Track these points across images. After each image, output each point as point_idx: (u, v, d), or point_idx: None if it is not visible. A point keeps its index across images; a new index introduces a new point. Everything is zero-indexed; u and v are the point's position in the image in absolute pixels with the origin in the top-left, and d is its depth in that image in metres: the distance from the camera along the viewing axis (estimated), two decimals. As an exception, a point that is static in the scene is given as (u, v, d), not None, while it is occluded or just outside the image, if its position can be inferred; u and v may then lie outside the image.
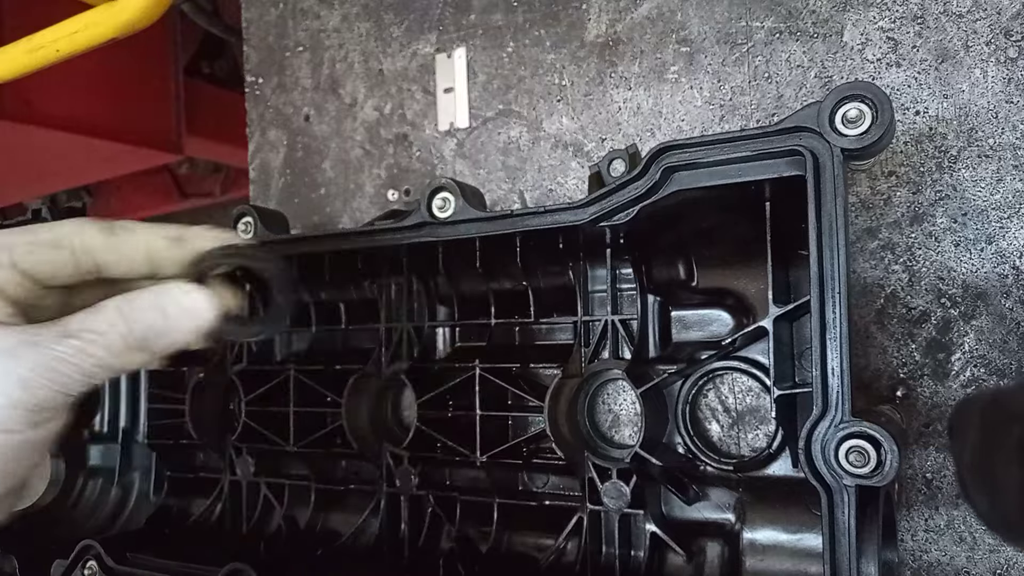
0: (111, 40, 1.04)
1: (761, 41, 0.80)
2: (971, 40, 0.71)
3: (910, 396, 0.72)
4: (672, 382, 0.75)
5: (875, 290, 0.73)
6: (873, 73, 0.75)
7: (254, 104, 1.17)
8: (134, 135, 1.94)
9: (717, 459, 0.73)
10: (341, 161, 1.08)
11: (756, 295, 0.70)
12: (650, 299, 0.74)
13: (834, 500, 0.51)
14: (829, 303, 0.53)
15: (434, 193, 0.71)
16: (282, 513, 0.92)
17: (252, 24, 1.18)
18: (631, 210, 0.62)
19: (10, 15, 1.56)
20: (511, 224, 0.68)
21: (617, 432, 0.82)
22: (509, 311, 0.81)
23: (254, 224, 0.82)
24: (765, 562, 0.63)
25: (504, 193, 0.95)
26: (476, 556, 0.80)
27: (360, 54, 1.07)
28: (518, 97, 0.95)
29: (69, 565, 0.85)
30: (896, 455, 0.50)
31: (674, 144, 0.59)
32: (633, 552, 0.73)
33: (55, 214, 0.93)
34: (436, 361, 0.85)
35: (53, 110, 1.73)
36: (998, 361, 0.69)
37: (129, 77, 1.92)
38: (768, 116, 0.80)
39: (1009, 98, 0.69)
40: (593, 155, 0.89)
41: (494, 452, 0.76)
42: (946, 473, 0.70)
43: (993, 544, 0.69)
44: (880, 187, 0.74)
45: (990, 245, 0.69)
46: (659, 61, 0.86)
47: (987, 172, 0.70)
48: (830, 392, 0.53)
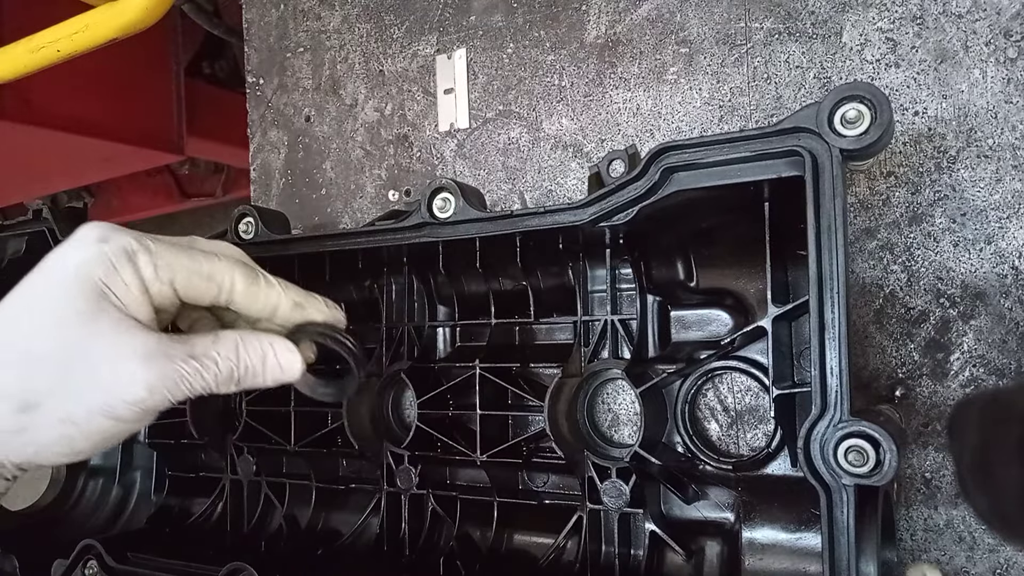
0: (112, 41, 1.04)
1: (760, 42, 0.80)
2: (970, 40, 0.71)
3: (909, 396, 0.72)
4: (671, 382, 0.75)
5: (874, 290, 0.73)
6: (872, 74, 0.75)
7: (255, 105, 1.17)
8: (135, 135, 1.94)
9: (716, 458, 0.73)
10: (342, 162, 1.08)
11: (755, 295, 0.70)
12: (649, 299, 0.74)
13: (833, 499, 0.52)
14: (828, 303, 0.53)
15: (434, 193, 0.71)
16: (283, 512, 0.92)
17: (253, 25, 1.18)
18: (631, 210, 0.62)
19: (10, 15, 1.56)
20: (511, 224, 0.68)
21: (616, 431, 0.82)
22: (509, 311, 0.81)
23: (255, 224, 0.82)
24: (764, 561, 0.63)
25: (504, 193, 0.95)
26: (476, 555, 0.80)
27: (361, 55, 1.07)
28: (518, 98, 0.95)
29: (70, 565, 0.85)
30: (895, 455, 0.50)
31: (673, 145, 0.59)
32: (632, 551, 0.74)
33: (55, 214, 0.93)
34: (436, 361, 0.85)
35: (54, 110, 1.73)
36: (997, 361, 0.69)
37: (130, 78, 1.92)
38: (767, 117, 0.80)
39: (1008, 98, 0.70)
40: (592, 156, 0.89)
41: (494, 451, 0.76)
42: (945, 473, 0.70)
43: (993, 544, 0.69)
44: (879, 187, 0.74)
45: (989, 245, 0.69)
46: (658, 62, 0.86)
47: (986, 172, 0.70)
48: (829, 392, 0.53)
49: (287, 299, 0.63)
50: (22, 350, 0.55)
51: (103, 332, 0.55)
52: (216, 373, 0.58)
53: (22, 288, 0.58)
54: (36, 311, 0.56)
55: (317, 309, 0.65)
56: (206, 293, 0.60)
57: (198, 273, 0.59)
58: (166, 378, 0.56)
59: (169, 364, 0.56)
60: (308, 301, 0.64)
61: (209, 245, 0.64)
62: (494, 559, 0.80)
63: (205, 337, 0.59)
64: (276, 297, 0.62)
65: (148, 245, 0.57)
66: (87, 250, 0.56)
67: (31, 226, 0.95)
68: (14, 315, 0.57)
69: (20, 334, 0.56)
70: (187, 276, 0.58)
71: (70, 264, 0.56)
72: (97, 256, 0.56)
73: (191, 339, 0.58)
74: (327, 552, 0.87)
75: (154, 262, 0.57)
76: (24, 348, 0.55)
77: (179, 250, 0.59)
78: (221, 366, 0.59)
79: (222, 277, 0.60)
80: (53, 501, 1.04)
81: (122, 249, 0.56)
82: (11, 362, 0.55)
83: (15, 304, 0.57)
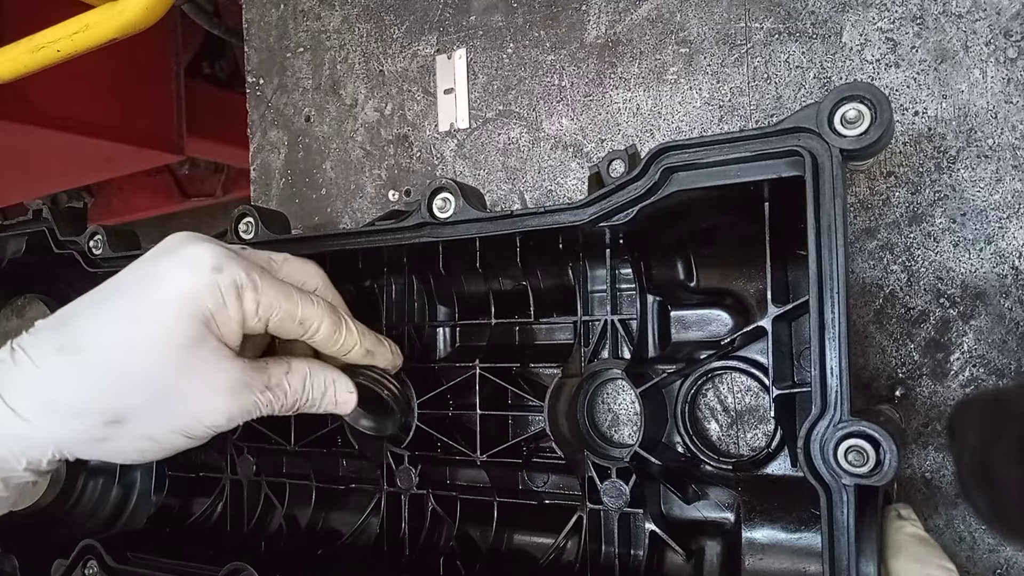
0: (112, 41, 1.05)
1: (760, 42, 0.80)
2: (970, 40, 0.71)
3: (909, 396, 0.72)
4: (671, 382, 0.75)
5: (874, 290, 0.73)
6: (872, 74, 0.75)
7: (255, 105, 1.17)
8: (135, 136, 1.94)
9: (716, 458, 0.73)
10: (342, 162, 1.08)
11: (755, 295, 0.70)
12: (649, 299, 0.74)
13: (833, 499, 0.52)
14: (828, 303, 0.53)
15: (434, 193, 0.71)
16: (283, 512, 0.92)
17: (253, 25, 1.18)
18: (631, 210, 0.62)
19: (10, 15, 1.56)
20: (511, 224, 0.68)
21: (616, 431, 0.82)
22: (509, 311, 0.81)
23: (255, 224, 0.82)
24: (764, 561, 0.63)
25: (504, 193, 0.95)
26: (476, 555, 0.80)
27: (361, 55, 1.07)
28: (518, 98, 0.95)
29: (70, 565, 0.85)
30: (895, 454, 0.50)
31: (673, 145, 0.59)
32: (632, 551, 0.74)
33: (55, 214, 0.93)
34: (436, 361, 0.85)
35: (54, 110, 1.73)
36: (997, 361, 0.69)
37: (130, 78, 1.92)
38: (767, 117, 0.80)
39: (1008, 98, 0.70)
40: (592, 156, 0.89)
41: (494, 451, 0.76)
42: (945, 473, 0.70)
43: (993, 544, 0.69)
44: (879, 187, 0.74)
45: (989, 245, 0.69)
46: (658, 62, 0.86)
47: (986, 172, 0.70)
48: (829, 391, 0.53)
49: (360, 348, 0.67)
50: (122, 368, 0.56)
51: (200, 363, 0.57)
52: (283, 403, 0.62)
53: (125, 296, 0.58)
54: (142, 331, 0.56)
55: (383, 357, 0.70)
56: (292, 333, 0.63)
57: (292, 316, 0.61)
58: (244, 408, 0.60)
59: (249, 396, 0.59)
60: (378, 350, 0.69)
61: (301, 271, 0.67)
62: (494, 559, 0.80)
63: (279, 367, 0.63)
64: (352, 344, 0.66)
65: (255, 281, 0.59)
66: (201, 277, 0.57)
67: (31, 226, 0.95)
68: (116, 327, 0.57)
69: (122, 350, 0.57)
70: (282, 317, 0.61)
71: (183, 289, 0.57)
72: (210, 286, 0.57)
73: (268, 368, 0.61)
74: (327, 552, 0.87)
75: (258, 299, 0.59)
76: (124, 366, 0.56)
77: (280, 291, 0.61)
78: (289, 396, 0.62)
79: (311, 323, 0.63)
80: (53, 501, 1.04)
81: (233, 283, 0.58)
82: (110, 378, 0.56)
83: (119, 314, 0.58)
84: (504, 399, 0.80)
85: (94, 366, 0.56)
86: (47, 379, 0.56)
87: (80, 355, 0.56)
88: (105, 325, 0.57)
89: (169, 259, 0.58)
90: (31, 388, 0.56)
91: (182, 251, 0.58)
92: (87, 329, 0.57)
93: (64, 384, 0.56)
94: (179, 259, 0.58)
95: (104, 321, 0.57)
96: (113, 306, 0.58)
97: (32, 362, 0.56)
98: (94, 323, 0.57)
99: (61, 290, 1.07)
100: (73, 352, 0.56)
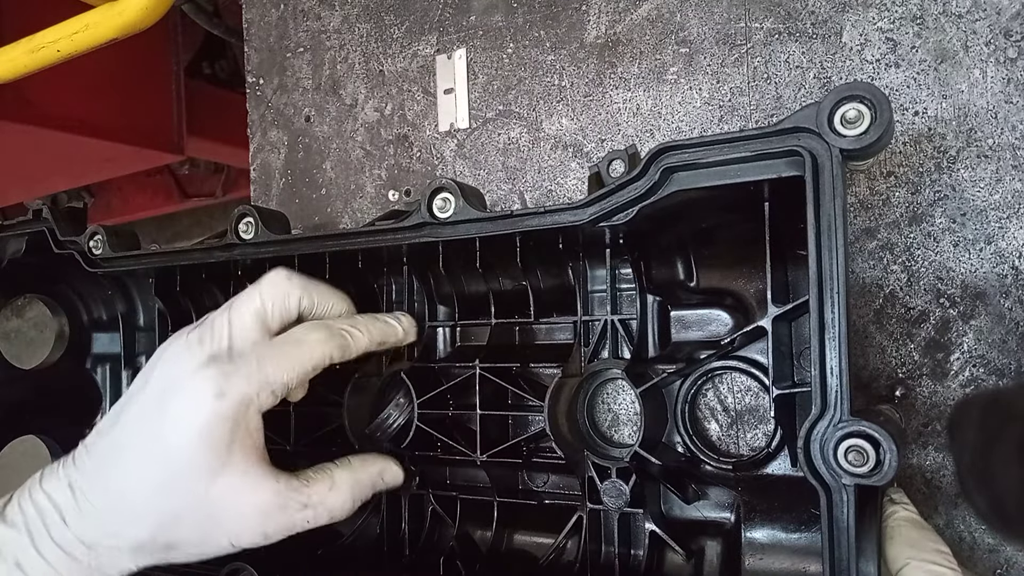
0: (112, 41, 1.05)
1: (760, 42, 0.80)
2: (970, 40, 0.71)
3: (909, 396, 0.72)
4: (671, 382, 0.75)
5: (874, 290, 0.73)
6: (872, 74, 0.75)
7: (255, 105, 1.17)
8: (135, 135, 1.94)
9: (716, 458, 0.73)
10: (342, 162, 1.08)
11: (755, 295, 0.70)
12: (649, 299, 0.74)
13: (833, 499, 0.52)
14: (828, 303, 0.53)
15: (434, 193, 0.71)
16: (283, 513, 0.92)
17: (253, 25, 1.18)
18: (630, 210, 0.62)
19: (10, 15, 1.56)
20: (511, 224, 0.68)
21: (616, 431, 0.82)
22: (509, 311, 0.81)
23: (255, 224, 0.82)
24: (764, 561, 0.63)
25: (504, 193, 0.95)
26: (476, 555, 0.80)
27: (361, 55, 1.07)
28: (518, 98, 0.95)
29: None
30: (895, 454, 0.50)
31: (673, 145, 0.59)
32: (633, 551, 0.74)
33: (55, 214, 0.93)
34: (436, 361, 0.85)
35: (53, 110, 1.73)
36: (997, 361, 0.69)
37: (130, 78, 1.92)
38: (767, 117, 0.80)
39: (1008, 98, 0.70)
40: (592, 156, 0.89)
41: (494, 451, 0.76)
42: (945, 473, 0.70)
43: (993, 544, 0.69)
44: (879, 187, 0.74)
45: (989, 245, 0.69)
46: (658, 62, 0.86)
47: (986, 172, 0.70)
48: (829, 391, 0.53)
49: (371, 346, 0.70)
50: (155, 507, 0.60)
51: (226, 490, 0.59)
52: (328, 519, 0.64)
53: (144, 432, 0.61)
54: (167, 469, 0.59)
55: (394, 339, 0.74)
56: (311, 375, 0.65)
57: (305, 376, 0.64)
58: (281, 527, 0.62)
59: (284, 516, 0.61)
60: (388, 338, 0.73)
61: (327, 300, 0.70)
62: (494, 559, 0.80)
63: (322, 484, 0.64)
64: (363, 348, 0.69)
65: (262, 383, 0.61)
66: (207, 407, 0.59)
67: (31, 226, 0.95)
68: (141, 464, 0.60)
69: (151, 488, 0.60)
70: (297, 383, 0.64)
71: (196, 425, 0.59)
72: (216, 416, 0.59)
73: (308, 488, 0.63)
74: (327, 552, 0.87)
75: (275, 393, 0.62)
76: (156, 504, 0.60)
77: (286, 367, 0.63)
78: (336, 513, 0.65)
79: (324, 363, 0.65)
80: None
81: (241, 403, 0.60)
82: (146, 517, 0.60)
83: (140, 451, 0.60)
84: (504, 399, 0.80)
85: (134, 507, 0.60)
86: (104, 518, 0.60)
87: (124, 499, 0.60)
88: (129, 457, 0.61)
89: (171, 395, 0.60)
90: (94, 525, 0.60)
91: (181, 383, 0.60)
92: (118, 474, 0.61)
93: (120, 521, 0.60)
94: (184, 386, 0.60)
95: (128, 452, 0.61)
96: (132, 434, 0.62)
97: (91, 504, 0.60)
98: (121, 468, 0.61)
99: (61, 290, 1.07)
100: (118, 497, 0.60)
